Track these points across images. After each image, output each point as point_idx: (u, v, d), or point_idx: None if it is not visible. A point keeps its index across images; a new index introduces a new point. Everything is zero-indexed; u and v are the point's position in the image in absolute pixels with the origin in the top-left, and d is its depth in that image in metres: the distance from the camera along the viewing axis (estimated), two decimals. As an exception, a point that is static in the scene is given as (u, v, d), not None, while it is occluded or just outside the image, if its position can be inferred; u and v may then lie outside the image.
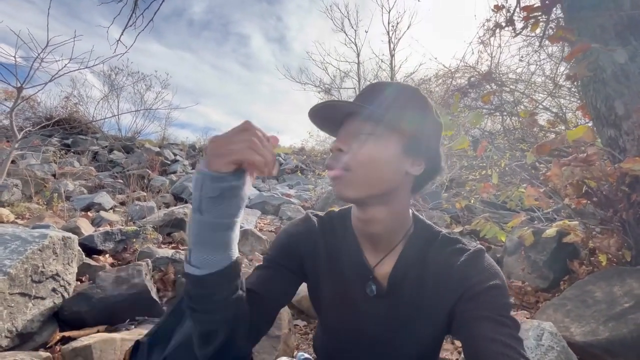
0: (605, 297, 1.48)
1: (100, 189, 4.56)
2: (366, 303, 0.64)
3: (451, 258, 0.60)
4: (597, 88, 1.63)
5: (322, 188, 5.58)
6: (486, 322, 0.51)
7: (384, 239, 0.63)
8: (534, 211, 2.88)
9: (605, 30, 1.56)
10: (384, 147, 0.56)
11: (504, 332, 0.50)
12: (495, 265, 0.59)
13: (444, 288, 0.59)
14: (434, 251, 0.62)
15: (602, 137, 1.69)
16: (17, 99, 2.41)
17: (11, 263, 1.26)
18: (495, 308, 0.53)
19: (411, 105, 0.59)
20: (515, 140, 4.16)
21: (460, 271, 0.58)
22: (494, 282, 0.55)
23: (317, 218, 0.72)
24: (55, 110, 8.52)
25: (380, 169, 0.56)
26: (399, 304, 0.62)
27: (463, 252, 0.60)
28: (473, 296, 0.55)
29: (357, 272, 0.65)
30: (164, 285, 1.94)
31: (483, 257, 0.59)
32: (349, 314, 0.66)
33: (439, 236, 0.64)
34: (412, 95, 0.60)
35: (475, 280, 0.56)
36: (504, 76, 4.54)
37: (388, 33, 9.38)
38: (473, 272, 0.57)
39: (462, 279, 0.57)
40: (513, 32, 2.37)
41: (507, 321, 0.51)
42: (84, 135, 8.01)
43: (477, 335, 0.51)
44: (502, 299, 0.54)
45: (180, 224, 3.01)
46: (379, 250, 0.64)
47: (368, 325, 0.65)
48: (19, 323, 1.25)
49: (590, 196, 1.66)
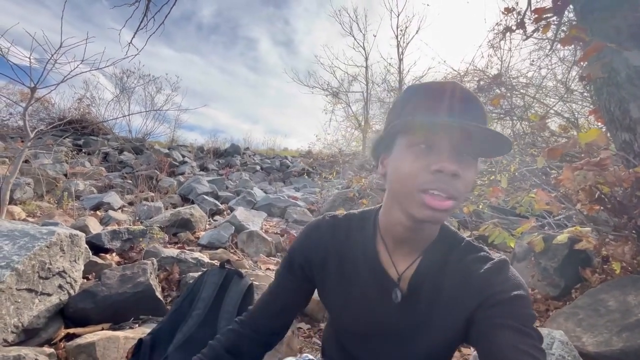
0: (619, 306, 1.43)
1: (110, 189, 4.63)
2: (385, 306, 0.63)
3: (473, 265, 0.58)
4: (611, 91, 1.59)
5: (328, 191, 5.56)
6: (509, 331, 0.49)
7: (414, 243, 0.61)
8: (545, 217, 2.82)
9: (619, 32, 1.53)
10: (477, 171, 0.54)
11: (528, 342, 0.48)
12: (519, 277, 0.57)
13: (463, 294, 0.57)
14: (455, 257, 0.61)
15: (616, 142, 1.64)
16: (30, 99, 2.46)
17: (19, 259, 1.27)
18: (519, 318, 0.51)
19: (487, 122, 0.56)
20: (526, 145, 4.09)
21: (482, 279, 0.56)
22: (519, 292, 0.54)
23: (333, 220, 0.70)
24: (69, 112, 8.72)
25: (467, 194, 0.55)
26: (417, 308, 0.61)
27: (487, 260, 0.59)
28: (496, 304, 0.53)
29: (376, 276, 0.63)
30: (168, 284, 1.95)
31: (507, 267, 0.58)
32: (364, 316, 0.65)
33: (463, 242, 0.63)
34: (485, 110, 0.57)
35: (499, 288, 0.54)
36: (514, 80, 4.48)
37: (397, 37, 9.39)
38: (497, 281, 0.55)
39: (485, 287, 0.55)
40: (524, 34, 2.34)
41: (531, 332, 0.50)
42: (95, 136, 8.16)
43: (499, 344, 0.49)
44: (526, 309, 0.53)
45: (186, 225, 3.03)
46: (404, 254, 0.63)
47: (385, 327, 0.64)
48: (25, 319, 1.26)
49: (603, 202, 1.61)
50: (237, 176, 7.36)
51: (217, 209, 4.11)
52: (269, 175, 8.47)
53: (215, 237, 2.81)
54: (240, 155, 10.01)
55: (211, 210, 3.96)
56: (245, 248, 2.75)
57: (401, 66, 9.38)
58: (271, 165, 9.45)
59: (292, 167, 9.34)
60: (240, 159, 9.53)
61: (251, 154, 10.79)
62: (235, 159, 9.44)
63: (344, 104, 10.61)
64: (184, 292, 1.30)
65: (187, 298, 1.27)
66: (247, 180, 6.77)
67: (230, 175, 7.47)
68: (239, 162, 9.16)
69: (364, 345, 0.68)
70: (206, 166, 8.27)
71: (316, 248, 0.68)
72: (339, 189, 5.49)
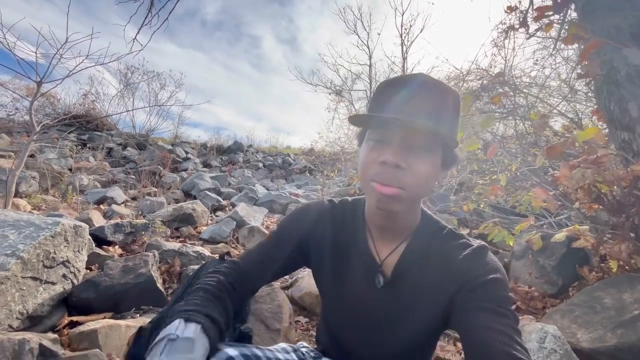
0: (615, 303, 1.44)
1: (113, 183, 4.68)
2: (369, 291, 0.65)
3: (454, 251, 0.61)
4: (611, 90, 1.59)
5: (330, 188, 5.58)
6: (485, 312, 0.51)
7: (395, 231, 0.64)
8: (545, 217, 2.81)
9: (620, 32, 1.53)
10: (435, 163, 0.55)
11: (503, 322, 0.50)
12: (497, 262, 0.59)
13: (444, 279, 0.59)
14: (437, 244, 0.63)
15: (615, 141, 1.64)
16: (36, 93, 2.50)
17: (24, 247, 1.30)
18: (495, 299, 0.53)
19: (454, 115, 0.58)
20: (528, 145, 4.08)
21: (461, 264, 0.58)
22: (495, 275, 0.56)
23: (330, 205, 0.74)
24: (74, 107, 8.80)
25: (429, 185, 0.56)
26: (401, 293, 0.63)
27: (466, 247, 0.61)
28: (473, 288, 0.55)
29: (364, 261, 0.66)
30: (170, 276, 1.98)
31: (486, 253, 0.60)
32: (352, 299, 0.68)
33: (445, 230, 0.65)
34: (459, 103, 0.58)
35: (476, 273, 0.56)
36: (517, 80, 4.47)
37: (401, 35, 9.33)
38: (474, 266, 0.57)
39: (463, 272, 0.57)
40: (527, 33, 2.34)
41: (507, 312, 0.52)
42: (100, 132, 8.23)
43: (476, 325, 0.51)
44: (502, 291, 0.55)
45: (188, 219, 3.07)
46: (387, 240, 0.65)
47: (370, 311, 0.66)
48: (30, 306, 1.29)
49: (601, 201, 1.61)
50: (240, 173, 7.40)
51: (219, 205, 4.15)
52: (271, 173, 8.50)
53: (216, 232, 2.84)
54: (243, 153, 10.05)
55: (213, 205, 3.99)
56: (246, 243, 2.78)
57: (405, 65, 9.35)
58: (273, 163, 9.48)
59: (294, 164, 9.37)
60: (243, 156, 9.57)
61: (254, 151, 10.82)
62: (238, 156, 9.47)
63: (346, 102, 10.59)
64: (184, 283, 1.32)
65: (186, 289, 1.29)
66: (249, 177, 6.81)
67: (233, 172, 7.50)
68: (241, 159, 9.20)
69: (350, 332, 0.70)
70: (209, 163, 8.31)
71: (315, 225, 0.71)
72: (340, 186, 5.51)
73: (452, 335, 1.59)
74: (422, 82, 0.55)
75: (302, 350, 0.77)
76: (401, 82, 0.57)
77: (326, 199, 0.76)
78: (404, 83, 0.56)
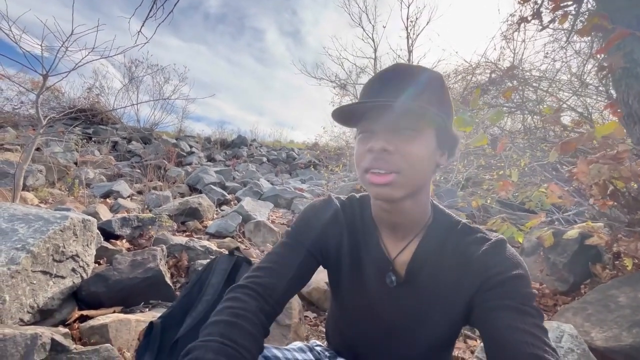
0: (630, 302, 1.42)
1: (119, 177, 4.69)
2: (384, 291, 0.63)
3: (471, 247, 0.58)
4: (630, 83, 1.54)
5: (335, 183, 5.55)
6: (508, 311, 0.49)
7: (404, 228, 0.62)
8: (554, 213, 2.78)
9: (641, 22, 1.48)
10: (427, 143, 0.54)
11: (528, 321, 0.48)
12: (518, 256, 0.56)
13: (462, 277, 0.57)
14: (453, 240, 0.60)
15: (633, 136, 1.60)
16: (42, 86, 2.48)
17: (34, 242, 1.30)
18: (518, 297, 0.50)
19: (440, 93, 0.57)
20: (537, 139, 4.02)
21: (480, 261, 0.56)
22: (517, 271, 0.53)
23: (340, 204, 0.71)
24: (78, 101, 8.80)
25: (425, 167, 0.55)
26: (417, 293, 0.61)
27: (484, 241, 0.58)
28: (494, 285, 0.53)
29: (376, 261, 0.64)
30: (177, 271, 1.98)
31: (505, 246, 0.57)
32: (367, 301, 0.65)
33: (459, 225, 0.62)
34: (441, 82, 0.58)
35: (497, 269, 0.54)
36: (527, 73, 4.39)
37: (406, 28, 9.18)
38: (494, 262, 0.55)
39: (483, 269, 0.55)
40: (540, 25, 2.28)
41: (531, 310, 0.49)
42: (104, 126, 8.24)
43: (499, 325, 0.48)
44: (525, 288, 0.52)
45: (194, 213, 3.07)
46: (398, 239, 0.63)
47: (385, 313, 0.64)
48: (40, 300, 1.29)
49: (617, 197, 1.58)
50: (244, 167, 7.40)
51: (224, 199, 4.15)
52: (276, 167, 8.49)
53: (223, 226, 2.84)
54: (247, 147, 10.04)
55: (219, 200, 3.99)
56: (252, 237, 2.78)
57: (411, 58, 9.20)
58: (277, 157, 9.46)
59: (298, 159, 9.34)
60: (247, 151, 9.56)
61: (258, 146, 10.80)
62: (242, 150, 9.47)
63: (351, 96, 10.47)
64: (193, 278, 1.32)
65: (196, 284, 1.29)
66: (253, 172, 6.80)
67: (237, 166, 7.50)
68: (245, 154, 9.19)
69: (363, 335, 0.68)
70: (213, 157, 8.31)
71: (333, 227, 0.67)
72: (345, 181, 5.49)
73: (463, 332, 1.58)
74: (395, 68, 0.57)
75: (317, 350, 0.76)
76: (377, 75, 0.59)
77: (333, 196, 0.72)
78: (379, 74, 0.58)
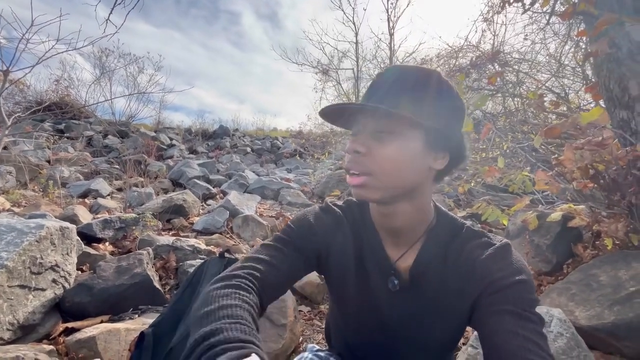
0: (611, 281, 1.48)
1: (97, 175, 4.49)
2: (388, 296, 0.62)
3: (475, 251, 0.57)
4: (611, 67, 1.57)
5: (322, 172, 5.53)
6: (509, 316, 0.49)
7: (405, 232, 0.61)
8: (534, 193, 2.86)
9: (623, 6, 1.48)
10: (405, 145, 0.53)
11: (528, 327, 0.48)
12: (522, 261, 0.56)
13: (466, 281, 0.57)
14: (457, 244, 0.60)
15: (613, 119, 1.64)
16: (3, 83, 2.30)
17: (8, 255, 1.22)
18: (520, 303, 0.50)
19: (431, 94, 0.55)
20: (517, 122, 4.10)
21: (484, 265, 0.55)
22: (520, 277, 0.53)
23: (340, 209, 0.68)
24: (46, 94, 8.29)
25: (403, 170, 0.53)
26: (421, 297, 0.61)
27: (488, 246, 0.58)
28: (497, 290, 0.52)
29: (379, 265, 0.63)
30: (166, 272, 1.93)
31: (509, 251, 0.57)
32: (371, 306, 0.65)
33: (463, 229, 0.62)
34: (430, 82, 0.55)
35: (501, 274, 0.53)
36: (507, 56, 4.43)
37: (387, 11, 9.03)
38: (498, 267, 0.54)
39: (486, 273, 0.54)
40: (522, 7, 2.27)
41: (532, 316, 0.49)
42: (77, 120, 7.82)
43: (499, 329, 0.49)
44: (528, 294, 0.52)
45: (179, 210, 2.98)
46: (400, 243, 0.62)
47: (390, 318, 0.63)
48: (20, 315, 1.23)
49: (597, 179, 1.63)
50: (228, 159, 7.24)
51: (209, 193, 4.05)
52: (260, 157, 8.36)
53: (210, 223, 2.78)
54: (229, 137, 9.81)
55: (204, 194, 3.90)
56: (241, 233, 2.74)
57: (392, 42, 9.10)
58: (262, 147, 9.30)
59: (283, 148, 9.22)
60: (229, 141, 9.34)
61: (240, 135, 10.57)
62: (224, 140, 9.24)
63: (334, 81, 10.31)
64: (184, 283, 1.28)
65: (187, 289, 1.25)
66: (238, 163, 6.67)
67: (221, 158, 7.34)
68: (228, 144, 8.99)
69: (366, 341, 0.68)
70: (195, 149, 8.09)
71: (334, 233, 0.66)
72: (331, 169, 5.47)
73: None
74: (388, 71, 0.57)
75: (320, 355, 0.75)
76: (375, 77, 0.59)
77: (330, 202, 0.70)
78: (375, 77, 0.59)
